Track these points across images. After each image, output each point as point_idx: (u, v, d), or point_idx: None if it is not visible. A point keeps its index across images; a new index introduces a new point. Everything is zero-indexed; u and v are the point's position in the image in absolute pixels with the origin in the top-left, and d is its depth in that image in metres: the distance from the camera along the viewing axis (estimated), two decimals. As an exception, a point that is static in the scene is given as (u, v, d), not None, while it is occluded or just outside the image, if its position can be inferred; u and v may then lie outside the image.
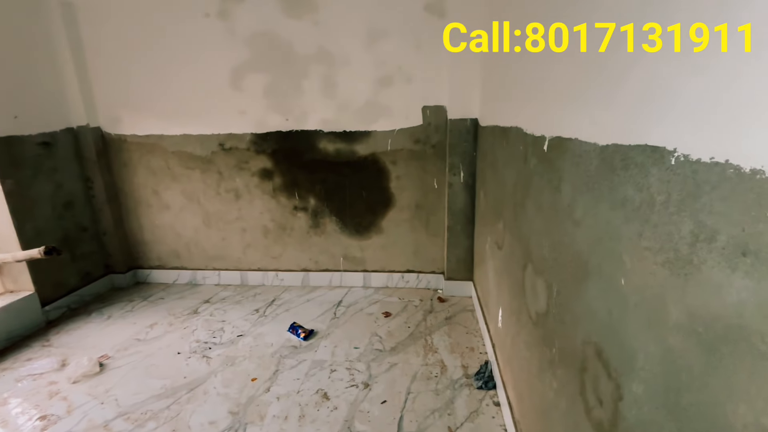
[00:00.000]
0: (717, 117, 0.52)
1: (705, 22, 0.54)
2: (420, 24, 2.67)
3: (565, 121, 1.07)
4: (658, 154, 0.64)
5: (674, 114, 0.61)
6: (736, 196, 0.49)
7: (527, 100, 1.46)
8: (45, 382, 2.19)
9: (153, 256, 3.43)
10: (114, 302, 3.14)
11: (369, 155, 2.97)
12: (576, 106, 0.99)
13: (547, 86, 1.24)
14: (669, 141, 0.62)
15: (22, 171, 2.67)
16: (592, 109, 0.90)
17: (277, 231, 3.22)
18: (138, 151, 3.18)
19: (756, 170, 0.46)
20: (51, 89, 2.88)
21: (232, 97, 2.95)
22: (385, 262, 3.19)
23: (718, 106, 0.52)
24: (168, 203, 3.27)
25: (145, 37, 2.89)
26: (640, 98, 0.70)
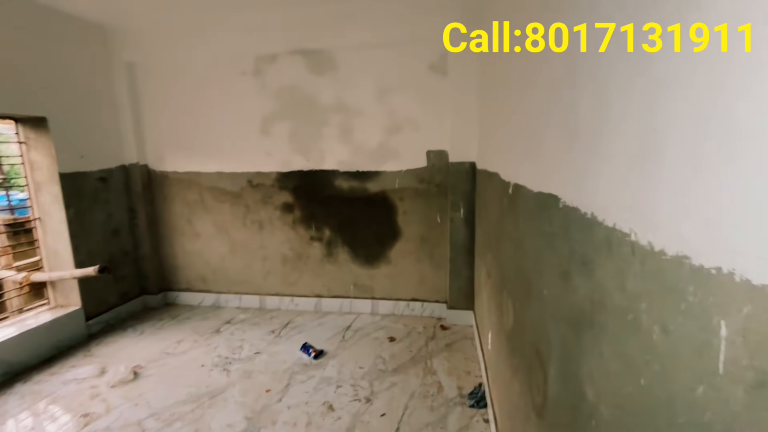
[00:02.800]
0: (582, 179, 0.82)
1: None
2: (425, 80, 3.08)
3: (521, 171, 1.37)
4: (553, 200, 0.94)
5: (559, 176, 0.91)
6: (581, 227, 0.78)
7: (502, 153, 1.78)
8: (87, 386, 2.49)
9: (182, 280, 3.79)
10: (146, 320, 3.47)
11: (379, 192, 3.31)
12: (525, 162, 1.30)
13: (510, 146, 1.56)
14: (559, 191, 0.91)
15: (82, 202, 3.13)
16: (531, 166, 1.21)
17: (295, 259, 3.55)
18: (177, 186, 3.63)
19: (581, 210, 0.75)
20: (111, 132, 3.41)
21: (261, 141, 3.40)
22: (392, 291, 3.44)
23: (583, 171, 0.81)
24: (199, 232, 3.67)
25: (189, 89, 3.42)
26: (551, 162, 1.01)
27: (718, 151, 0.42)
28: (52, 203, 2.99)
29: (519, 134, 1.41)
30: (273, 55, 3.25)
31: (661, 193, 0.52)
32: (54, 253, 3.07)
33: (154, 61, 3.42)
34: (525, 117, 1.31)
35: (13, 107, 2.67)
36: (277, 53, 3.25)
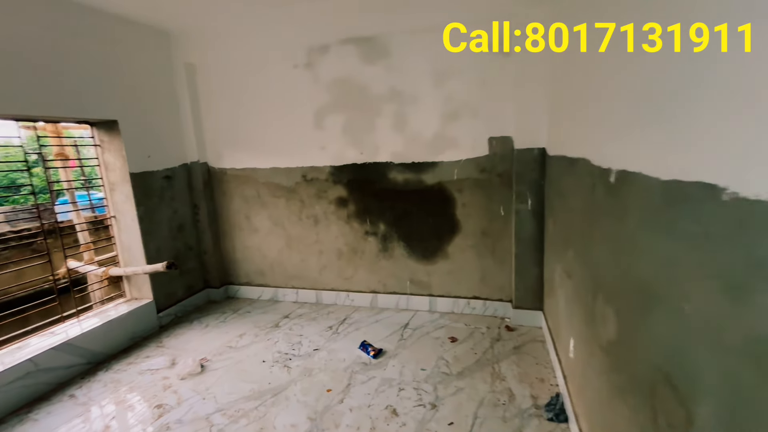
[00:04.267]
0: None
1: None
2: (486, 62, 2.83)
3: (631, 154, 1.13)
4: (704, 191, 0.72)
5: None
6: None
7: (594, 133, 1.53)
8: (160, 377, 2.59)
9: (242, 274, 3.89)
10: (210, 313, 3.60)
11: (435, 184, 3.13)
12: (641, 142, 1.06)
13: (611, 123, 1.31)
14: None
15: (150, 200, 3.27)
16: (653, 146, 0.97)
17: (350, 254, 3.48)
18: (235, 182, 3.70)
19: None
20: (174, 132, 3.53)
21: (315, 135, 3.35)
22: (451, 288, 3.26)
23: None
24: (257, 227, 3.72)
25: (244, 86, 3.44)
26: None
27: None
28: (124, 202, 3.15)
29: (631, 104, 1.17)
30: (325, 45, 3.17)
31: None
32: (127, 249, 3.25)
33: (211, 60, 3.48)
34: (642, 78, 1.07)
35: (89, 112, 2.82)
36: (328, 43, 3.15)
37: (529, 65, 2.65)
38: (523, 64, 2.67)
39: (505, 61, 2.77)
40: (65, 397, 2.43)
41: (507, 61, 2.76)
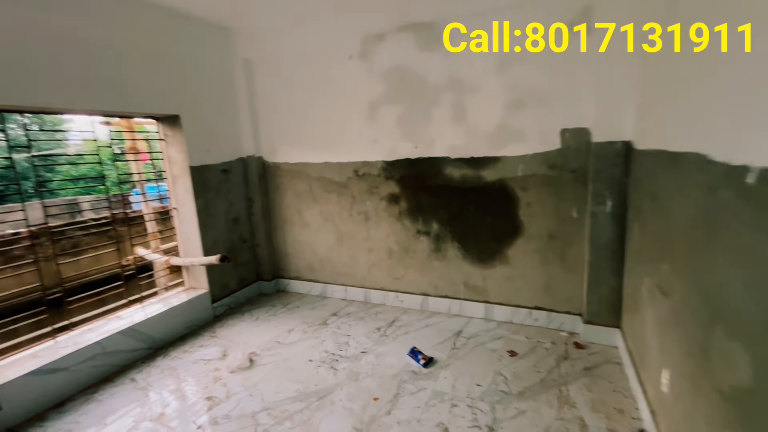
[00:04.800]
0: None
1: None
2: (558, 43, 2.50)
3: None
4: None
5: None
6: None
7: (716, 121, 1.21)
8: (211, 368, 2.63)
9: (293, 268, 3.89)
10: (261, 306, 3.64)
11: (496, 181, 2.86)
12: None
13: (751, 103, 1.00)
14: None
15: (208, 192, 3.36)
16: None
17: (401, 253, 3.32)
18: (287, 176, 3.69)
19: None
20: (231, 127, 3.59)
21: (367, 128, 3.21)
22: (510, 295, 2.97)
23: None
24: (308, 222, 3.69)
25: (298, 79, 3.39)
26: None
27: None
28: (185, 194, 3.25)
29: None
30: (380, 34, 3.01)
31: None
32: (187, 240, 3.36)
33: (268, 54, 3.47)
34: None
35: (155, 108, 2.92)
36: (384, 31, 2.99)
37: (614, 43, 2.28)
38: (607, 45, 2.31)
39: (581, 42, 2.42)
40: (127, 380, 2.54)
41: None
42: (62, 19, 2.33)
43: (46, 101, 2.29)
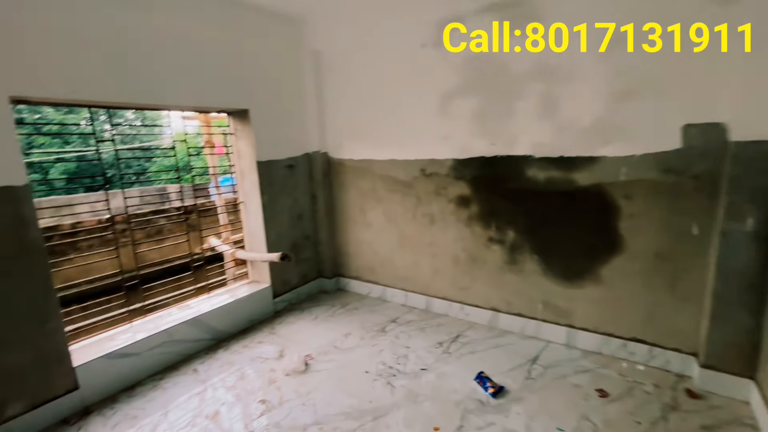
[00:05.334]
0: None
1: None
2: (686, 16, 1.99)
3: None
4: None
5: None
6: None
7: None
8: (268, 368, 2.58)
9: (353, 268, 3.77)
10: (320, 304, 3.57)
11: (591, 186, 2.41)
12: None
13: None
14: None
15: (273, 188, 3.34)
16: None
17: (468, 262, 3.01)
18: (352, 174, 3.56)
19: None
20: (298, 122, 3.54)
21: (438, 123, 2.93)
22: (601, 321, 2.52)
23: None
24: (371, 222, 3.53)
25: (367, 72, 3.21)
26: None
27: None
28: (251, 189, 3.27)
29: None
30: (458, 17, 2.70)
31: None
32: (252, 233, 3.39)
33: (336, 45, 3.35)
34: None
35: (227, 102, 2.94)
36: (462, 14, 2.68)
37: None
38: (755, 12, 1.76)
39: (722, 11, 1.90)
40: (189, 370, 2.59)
41: (727, 11, 1.88)
42: (157, 19, 2.40)
43: (138, 98, 2.38)
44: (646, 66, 2.13)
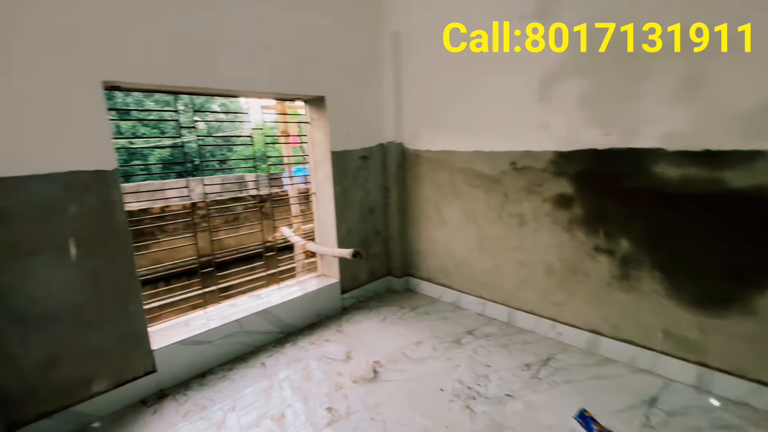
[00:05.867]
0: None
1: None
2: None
3: None
4: None
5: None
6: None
7: None
8: (334, 370, 2.43)
9: (424, 268, 3.50)
10: (389, 304, 3.36)
11: (748, 188, 1.85)
12: None
13: None
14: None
15: (346, 179, 3.18)
16: None
17: (565, 273, 2.57)
18: (428, 166, 3.27)
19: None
20: (373, 110, 3.33)
21: (535, 109, 2.52)
22: (752, 364, 1.95)
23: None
24: (446, 219, 3.21)
25: (452, 54, 2.88)
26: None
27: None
28: (324, 180, 3.14)
29: None
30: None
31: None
32: (323, 225, 3.27)
33: (418, 24, 3.06)
34: None
35: (304, 89, 2.82)
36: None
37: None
38: None
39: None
40: (257, 363, 2.53)
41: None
42: (239, 4, 2.33)
43: (220, 84, 2.33)
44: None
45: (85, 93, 1.89)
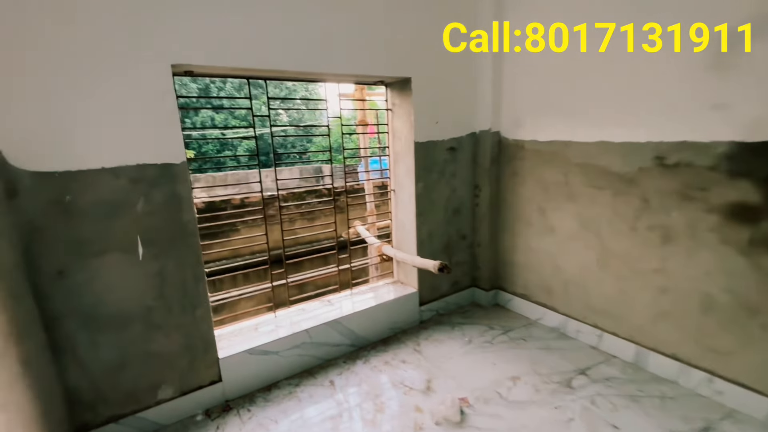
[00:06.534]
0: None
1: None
2: None
3: None
4: None
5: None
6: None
7: None
8: (412, 403, 2.04)
9: (519, 283, 2.93)
10: (474, 321, 2.88)
11: None
12: None
13: None
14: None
15: (431, 175, 2.74)
16: None
17: (735, 310, 1.84)
18: (533, 160, 2.68)
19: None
20: (467, 93, 2.82)
21: (704, 82, 1.80)
22: None
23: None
24: (554, 226, 2.61)
25: (568, 11, 2.24)
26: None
27: None
28: (405, 175, 2.74)
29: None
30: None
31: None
32: (401, 227, 2.89)
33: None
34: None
35: (387, 70, 2.42)
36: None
37: None
38: None
39: None
40: (326, 381, 2.26)
41: None
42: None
43: (295, 65, 2.05)
44: None
45: (153, 78, 1.71)
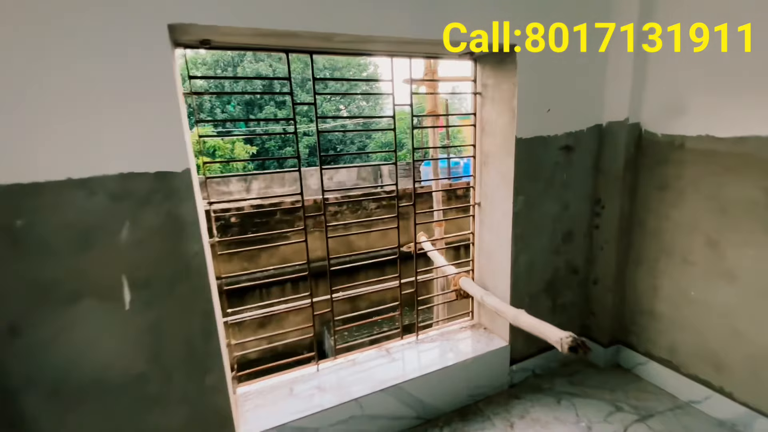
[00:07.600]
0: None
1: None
2: None
3: None
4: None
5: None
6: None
7: None
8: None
9: (661, 343, 2.02)
10: (587, 391, 2.04)
11: None
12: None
13: None
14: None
15: (536, 185, 1.94)
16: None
17: None
18: (698, 165, 1.76)
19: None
20: (592, 66, 1.96)
21: None
22: None
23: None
24: (733, 268, 1.68)
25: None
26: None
27: None
28: (498, 185, 1.97)
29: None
30: None
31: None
32: (488, 255, 2.13)
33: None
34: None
35: (478, 27, 1.66)
36: None
37: None
38: None
39: None
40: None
41: None
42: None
43: (337, 26, 1.39)
44: None
45: (143, 45, 1.15)
